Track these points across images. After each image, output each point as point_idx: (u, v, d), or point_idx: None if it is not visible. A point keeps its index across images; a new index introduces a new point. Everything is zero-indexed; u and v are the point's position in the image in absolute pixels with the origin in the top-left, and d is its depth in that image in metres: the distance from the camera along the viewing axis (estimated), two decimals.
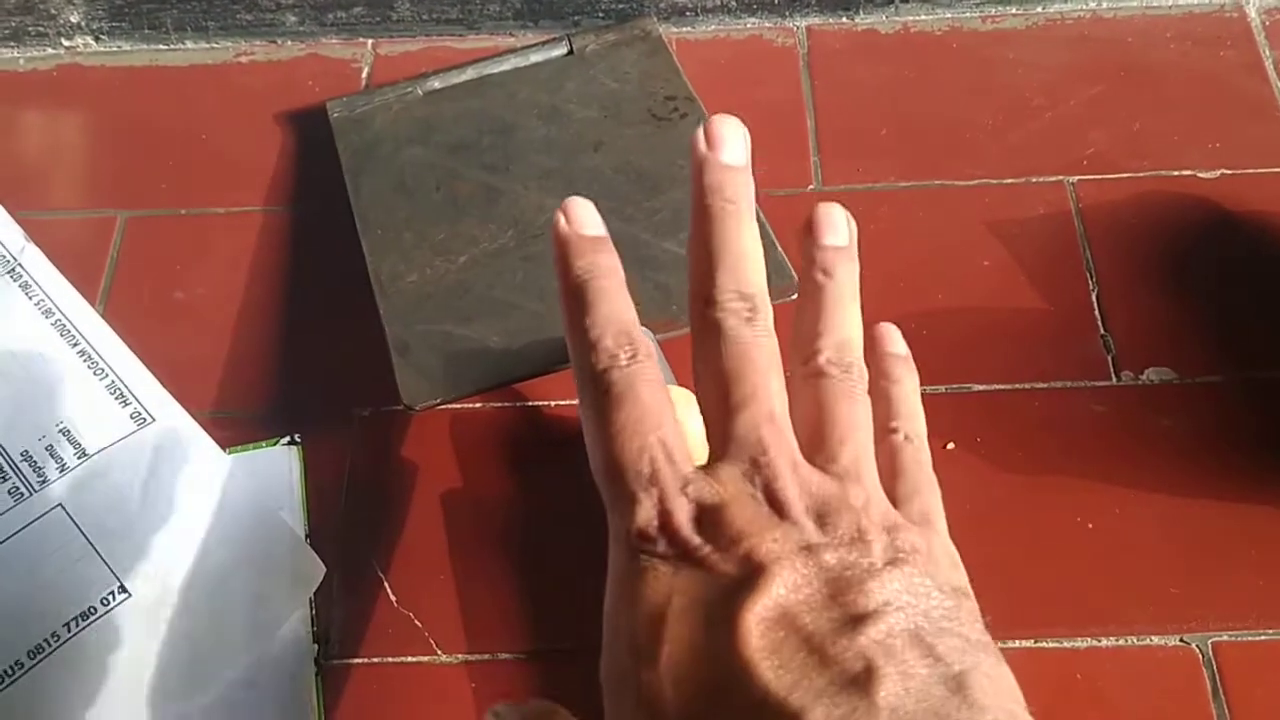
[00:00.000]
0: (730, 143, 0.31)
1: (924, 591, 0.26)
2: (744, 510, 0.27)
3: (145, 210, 0.51)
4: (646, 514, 0.27)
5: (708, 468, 0.28)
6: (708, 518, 0.27)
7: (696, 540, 0.26)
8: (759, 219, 0.46)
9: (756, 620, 0.25)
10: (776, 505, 0.27)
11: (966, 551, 0.36)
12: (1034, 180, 0.49)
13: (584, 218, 0.32)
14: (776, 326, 0.35)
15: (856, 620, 0.25)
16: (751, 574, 0.25)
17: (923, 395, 0.43)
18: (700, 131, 0.31)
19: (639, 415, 0.28)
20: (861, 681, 0.24)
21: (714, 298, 0.29)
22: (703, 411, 0.30)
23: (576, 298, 0.30)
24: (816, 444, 0.29)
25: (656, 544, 0.27)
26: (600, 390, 0.29)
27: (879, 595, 0.26)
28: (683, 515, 0.27)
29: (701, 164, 0.31)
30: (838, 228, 0.32)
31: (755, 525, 0.26)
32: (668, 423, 0.28)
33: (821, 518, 0.27)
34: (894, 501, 0.29)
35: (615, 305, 0.30)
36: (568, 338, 0.30)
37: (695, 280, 0.31)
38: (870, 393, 0.31)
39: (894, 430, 0.32)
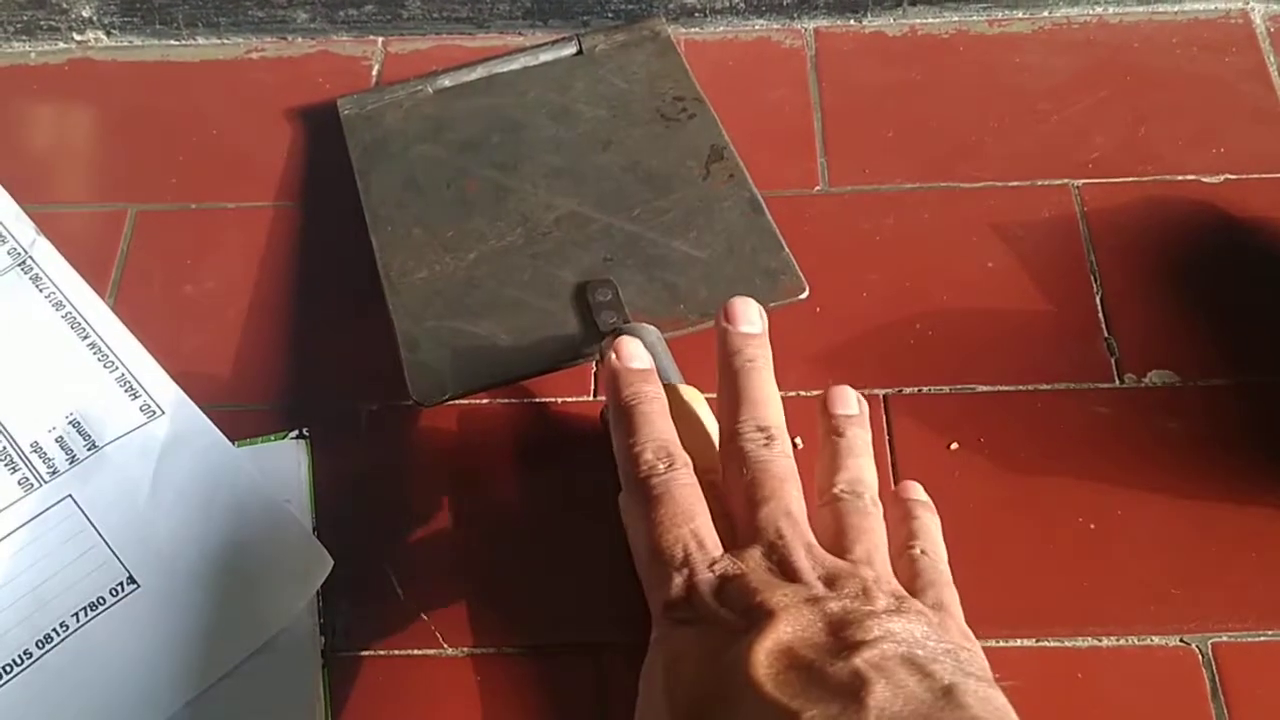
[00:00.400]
0: (747, 316, 0.37)
1: (922, 635, 0.29)
2: (760, 577, 0.31)
3: (155, 204, 0.51)
4: (678, 587, 0.32)
5: (733, 551, 0.32)
6: (728, 586, 0.31)
7: (714, 604, 0.31)
8: (768, 221, 0.47)
9: (764, 653, 0.28)
10: (790, 571, 0.31)
11: (969, 550, 0.37)
12: (1039, 183, 0.49)
13: (632, 353, 0.37)
14: (783, 324, 0.35)
15: (853, 647, 0.28)
16: (761, 618, 0.29)
17: (927, 395, 0.44)
18: (721, 311, 0.38)
19: (675, 512, 0.33)
20: (854, 689, 0.27)
21: (738, 430, 0.35)
22: (733, 519, 0.34)
23: (625, 418, 0.35)
24: (833, 546, 0.33)
25: (682, 610, 0.31)
26: (643, 492, 0.34)
27: (876, 630, 0.29)
28: (706, 585, 0.31)
29: (724, 334, 0.37)
30: (849, 402, 0.37)
31: (768, 585, 0.30)
32: (699, 516, 0.33)
33: (830, 581, 0.31)
34: (912, 594, 0.32)
35: (657, 425, 0.35)
36: (616, 449, 0.36)
37: (723, 421, 0.36)
38: (894, 526, 0.36)
39: (912, 547, 0.35)
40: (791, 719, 0.27)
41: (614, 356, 0.37)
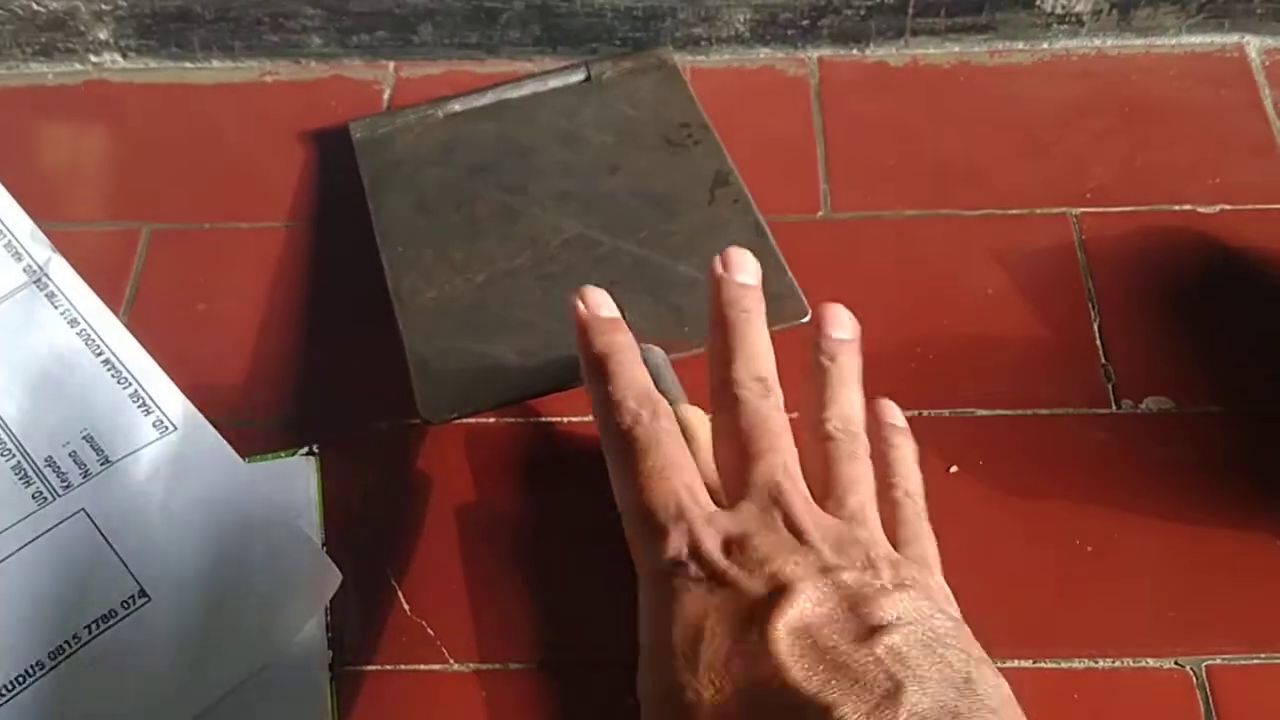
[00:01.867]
0: (743, 267, 0.37)
1: (929, 612, 0.29)
2: (767, 537, 0.30)
3: (170, 224, 0.52)
4: (677, 543, 0.30)
5: (728, 507, 0.31)
6: (735, 545, 0.30)
7: (725, 563, 0.30)
8: (772, 246, 0.47)
9: (786, 630, 0.28)
10: (796, 532, 0.30)
11: (968, 571, 0.37)
12: (1038, 212, 0.50)
13: (599, 302, 0.36)
14: (785, 347, 0.36)
15: (873, 631, 0.28)
16: (778, 590, 0.29)
17: (927, 418, 0.44)
18: (717, 259, 0.37)
19: (664, 464, 0.32)
20: (881, 682, 0.27)
21: (733, 379, 0.34)
22: (720, 468, 0.34)
23: (599, 369, 0.34)
24: (825, 495, 0.32)
25: (689, 568, 0.30)
26: (627, 444, 0.32)
27: (892, 611, 0.29)
28: (711, 542, 0.30)
29: (719, 282, 0.36)
30: (843, 324, 0.37)
31: (778, 549, 0.30)
32: (689, 469, 0.32)
33: (835, 546, 0.30)
34: (895, 546, 0.32)
35: (634, 374, 0.34)
36: (593, 402, 0.34)
37: (716, 371, 0.35)
38: (872, 458, 0.35)
39: (894, 486, 0.35)
40: (825, 713, 0.26)
41: (581, 305, 0.36)
